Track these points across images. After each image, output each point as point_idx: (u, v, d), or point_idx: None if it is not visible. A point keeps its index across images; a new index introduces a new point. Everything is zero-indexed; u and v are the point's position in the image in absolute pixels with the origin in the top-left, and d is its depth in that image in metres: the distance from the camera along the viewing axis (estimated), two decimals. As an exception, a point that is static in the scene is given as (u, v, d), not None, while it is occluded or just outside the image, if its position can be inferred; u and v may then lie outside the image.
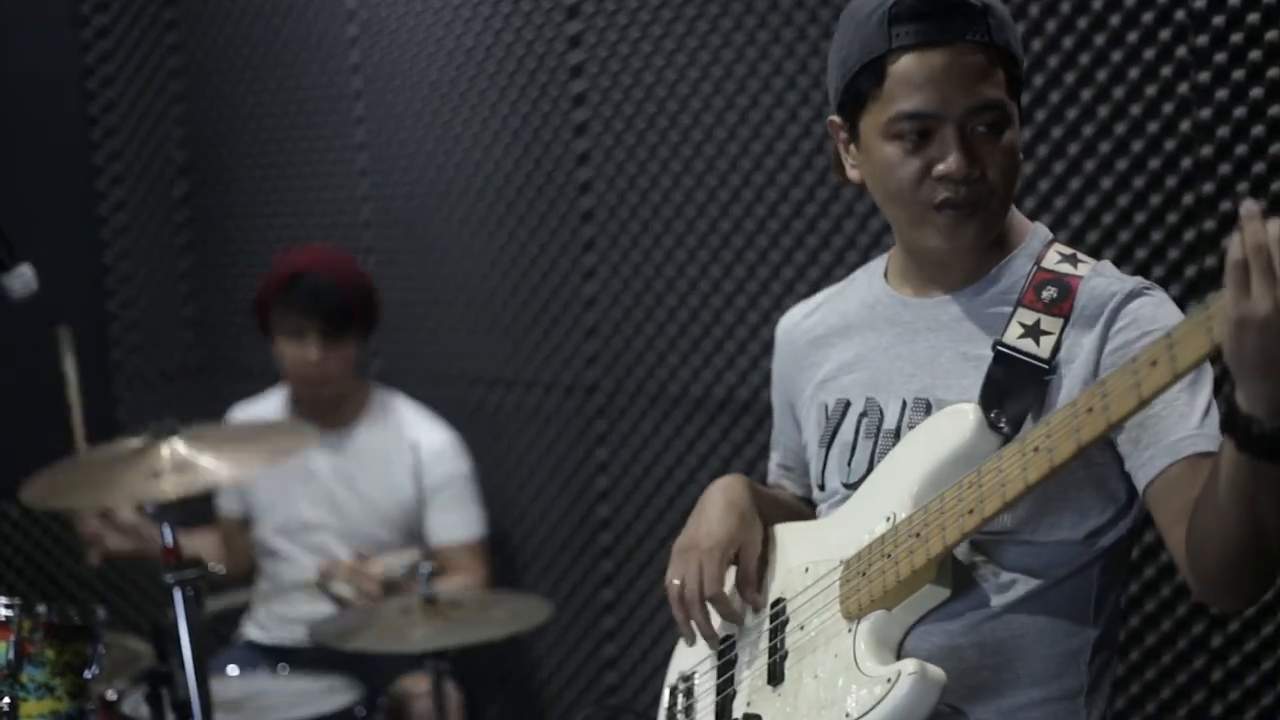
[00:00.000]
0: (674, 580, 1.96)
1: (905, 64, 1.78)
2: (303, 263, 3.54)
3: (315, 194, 4.10)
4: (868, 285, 2.02)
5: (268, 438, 3.04)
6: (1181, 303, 2.78)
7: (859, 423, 1.93)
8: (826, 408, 1.98)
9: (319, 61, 4.04)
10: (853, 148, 1.90)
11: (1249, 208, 1.46)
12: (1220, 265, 2.75)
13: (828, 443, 1.97)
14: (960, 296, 1.89)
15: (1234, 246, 1.46)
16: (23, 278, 2.73)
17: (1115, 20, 2.82)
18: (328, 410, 3.60)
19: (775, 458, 2.17)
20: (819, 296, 2.10)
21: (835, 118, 1.91)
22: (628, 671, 3.67)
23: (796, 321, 2.09)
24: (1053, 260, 1.87)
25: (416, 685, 3.37)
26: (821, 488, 1.99)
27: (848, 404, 1.95)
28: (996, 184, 1.82)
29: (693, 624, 1.96)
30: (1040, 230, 1.93)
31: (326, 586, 3.30)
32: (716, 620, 1.97)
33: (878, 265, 2.02)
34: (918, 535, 1.74)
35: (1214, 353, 1.49)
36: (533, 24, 3.61)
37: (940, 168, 1.80)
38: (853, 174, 1.91)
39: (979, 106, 1.79)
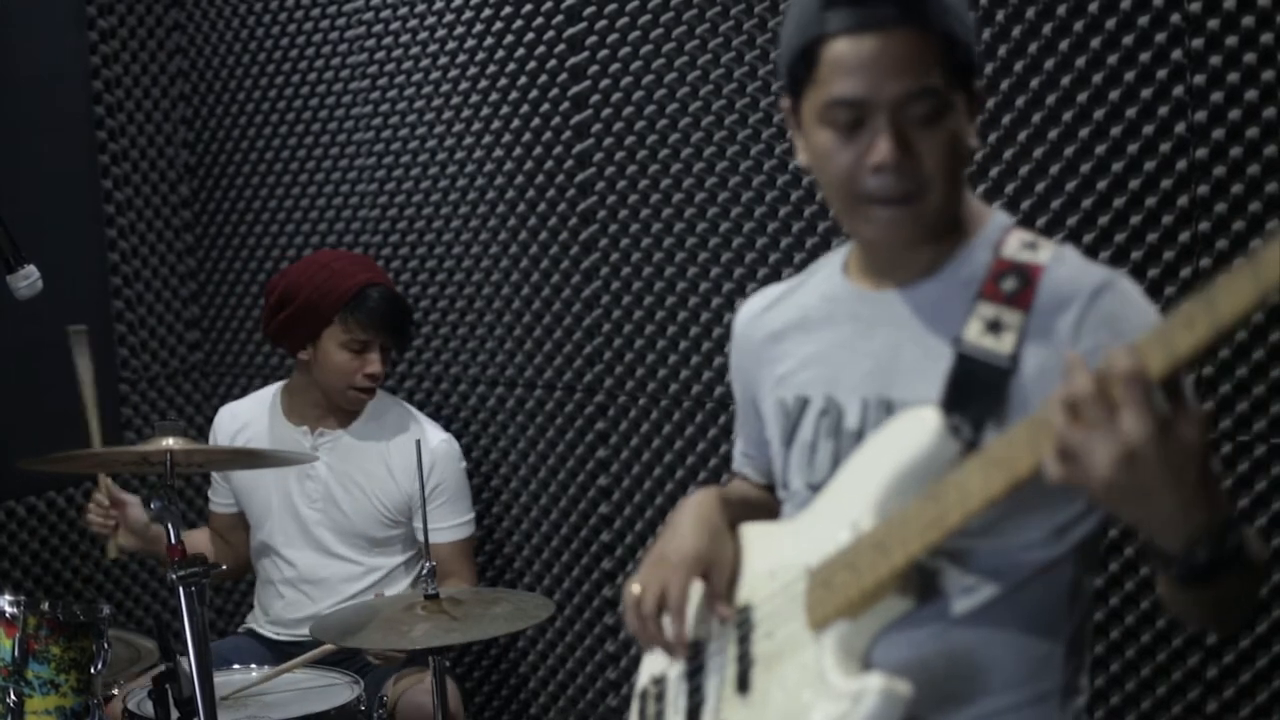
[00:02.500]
0: (633, 589, 1.91)
1: (837, 49, 1.72)
2: (363, 275, 3.55)
3: (318, 195, 4.12)
4: (827, 278, 1.94)
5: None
6: (1176, 303, 2.82)
7: (819, 421, 1.87)
8: (785, 405, 1.92)
9: (322, 63, 4.06)
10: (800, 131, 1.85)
11: (1068, 362, 1.47)
12: (1214, 266, 2.78)
13: (788, 441, 1.91)
14: (918, 289, 1.82)
15: (1061, 409, 1.46)
16: (29, 278, 2.76)
17: (1111, 23, 2.84)
18: (328, 410, 3.62)
19: (739, 445, 2.12)
20: (777, 289, 2.02)
21: (785, 100, 1.86)
22: (628, 669, 3.69)
23: (755, 315, 2.01)
24: (1013, 248, 1.79)
25: (411, 686, 3.38)
26: (785, 486, 1.94)
27: (806, 401, 1.89)
28: (933, 175, 1.73)
29: (650, 635, 1.90)
30: (999, 217, 1.85)
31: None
32: (687, 628, 1.91)
33: (837, 257, 1.94)
34: (879, 547, 1.69)
35: (1181, 367, 1.44)
36: (533, 27, 3.63)
37: (872, 157, 1.73)
38: (801, 158, 1.85)
39: (911, 94, 1.71)
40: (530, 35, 3.64)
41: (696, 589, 1.92)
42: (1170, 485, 1.46)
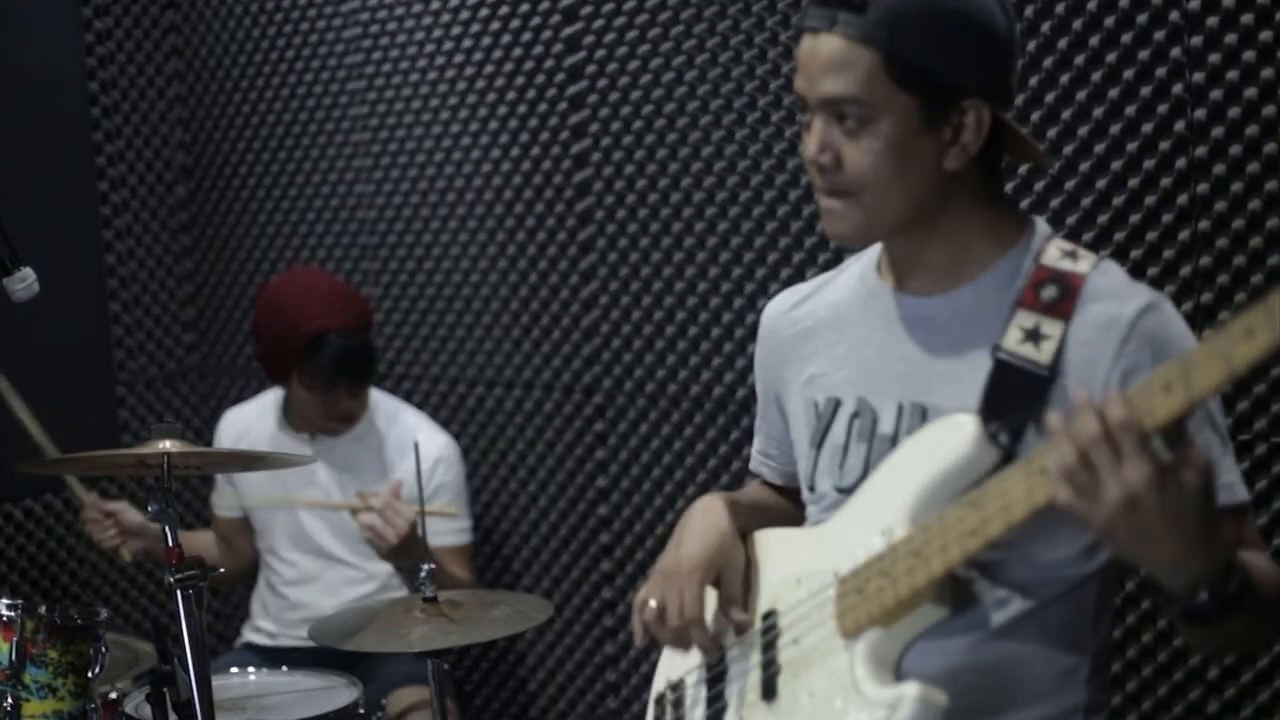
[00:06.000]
0: (650, 602, 1.89)
1: (800, 44, 1.80)
2: (318, 320, 3.45)
3: (315, 196, 4.12)
4: (860, 277, 1.92)
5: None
6: (1177, 301, 2.81)
7: (851, 424, 1.84)
8: (816, 405, 1.89)
9: (319, 64, 4.05)
10: None
11: (1076, 401, 1.50)
12: (1214, 265, 2.78)
13: (818, 443, 1.89)
14: (955, 295, 1.80)
15: (1060, 453, 1.49)
16: (25, 281, 2.75)
17: (1110, 21, 2.83)
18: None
19: (757, 444, 2.09)
20: (807, 285, 2.00)
21: None
22: (627, 671, 3.68)
23: (783, 311, 1.99)
24: (1052, 256, 1.77)
25: (414, 697, 3.37)
26: (811, 488, 1.91)
27: (838, 403, 1.86)
28: (861, 178, 1.75)
29: (689, 641, 1.89)
30: (1039, 225, 1.83)
31: (356, 512, 3.27)
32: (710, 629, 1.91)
33: (870, 256, 1.92)
34: (918, 554, 1.67)
35: (1233, 378, 1.43)
36: (530, 27, 3.62)
37: (803, 151, 1.81)
38: None
39: (826, 100, 1.75)
40: (527, 35, 3.63)
41: (712, 594, 1.90)
42: (1170, 531, 1.49)
